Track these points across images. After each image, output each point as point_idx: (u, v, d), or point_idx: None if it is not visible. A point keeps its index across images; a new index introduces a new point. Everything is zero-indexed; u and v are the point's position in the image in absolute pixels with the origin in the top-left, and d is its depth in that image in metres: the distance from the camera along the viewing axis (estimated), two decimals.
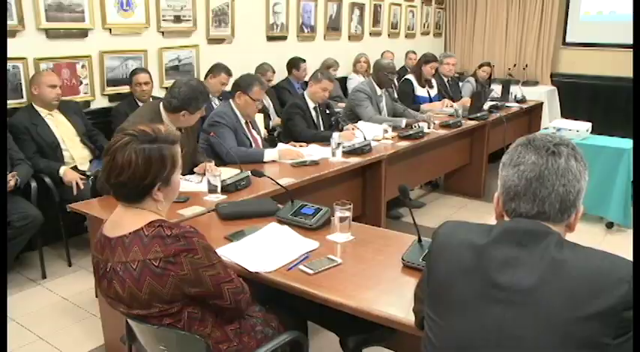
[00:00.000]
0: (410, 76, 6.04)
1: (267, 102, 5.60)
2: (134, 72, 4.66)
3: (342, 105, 5.64)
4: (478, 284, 1.32)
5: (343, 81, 7.07)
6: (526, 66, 9.16)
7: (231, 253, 2.23)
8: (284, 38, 6.40)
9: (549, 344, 1.23)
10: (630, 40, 8.44)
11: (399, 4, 8.45)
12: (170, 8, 5.04)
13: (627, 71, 8.43)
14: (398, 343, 2.28)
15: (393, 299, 1.93)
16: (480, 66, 7.23)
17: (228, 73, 5.02)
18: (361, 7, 7.58)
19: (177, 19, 5.12)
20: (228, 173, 3.18)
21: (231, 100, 3.86)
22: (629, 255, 4.08)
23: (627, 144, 4.99)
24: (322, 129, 4.50)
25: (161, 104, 3.24)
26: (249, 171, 3.14)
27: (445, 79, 6.53)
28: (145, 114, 3.18)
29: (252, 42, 5.94)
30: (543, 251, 1.28)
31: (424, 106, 5.80)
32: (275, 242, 2.34)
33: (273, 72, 5.87)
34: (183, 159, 3.19)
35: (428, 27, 9.41)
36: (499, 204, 1.42)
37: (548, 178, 1.32)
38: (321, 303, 1.98)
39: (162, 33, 5.03)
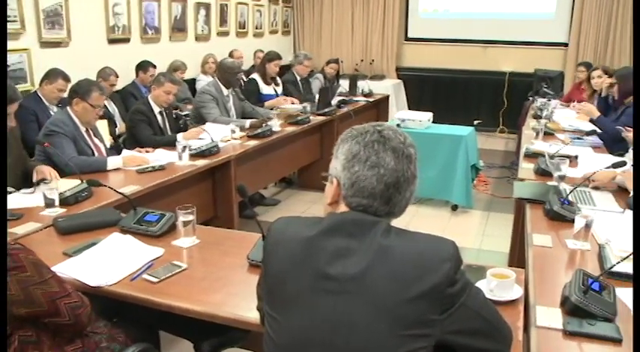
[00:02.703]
0: (255, 75, 6.06)
1: (112, 108, 5.37)
2: None
3: (192, 107, 5.54)
4: (310, 277, 1.34)
5: (192, 82, 6.93)
6: (372, 61, 9.55)
7: (70, 269, 2.11)
8: (127, 40, 6.14)
9: (381, 327, 1.28)
10: (463, 36, 9.16)
11: (246, 4, 8.46)
12: None
13: (463, 64, 9.12)
14: (253, 343, 2.28)
15: (241, 300, 1.92)
16: (328, 63, 7.41)
17: (66, 79, 4.71)
18: (207, 6, 7.48)
19: None
20: (67, 184, 3.00)
21: (68, 107, 3.64)
22: (471, 232, 4.39)
23: (465, 131, 5.35)
24: (169, 133, 4.37)
25: None
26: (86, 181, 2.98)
27: (298, 78, 6.61)
28: None
29: (92, 45, 5.65)
30: (372, 239, 1.33)
31: (267, 104, 5.81)
32: (117, 253, 2.24)
33: (117, 76, 5.62)
34: (8, 171, 2.97)
35: (276, 25, 9.50)
36: (340, 193, 1.41)
37: (402, 186, 1.38)
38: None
39: None
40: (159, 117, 4.35)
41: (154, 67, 6.02)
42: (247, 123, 4.85)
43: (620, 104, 4.94)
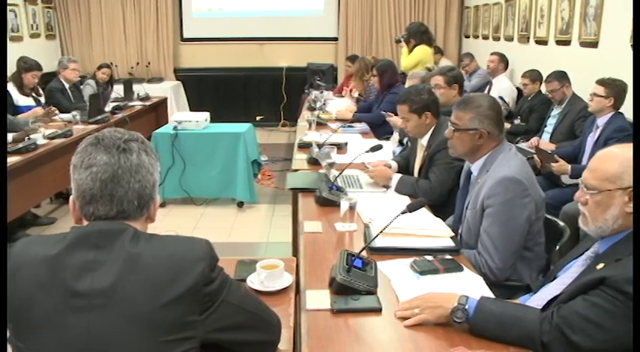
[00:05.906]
0: (9, 86, 5.49)
1: None
2: None
3: None
4: (57, 298, 1.25)
5: None
6: (149, 64, 9.27)
7: None
8: None
9: (140, 338, 1.24)
10: (239, 34, 9.32)
11: None
12: None
13: (241, 62, 9.30)
14: None
15: None
16: (99, 67, 7.04)
17: None
18: None
19: None
20: None
21: None
22: (258, 227, 4.46)
23: (243, 128, 5.40)
24: None
25: None
26: None
27: (67, 85, 6.15)
28: None
29: None
30: (120, 248, 1.28)
31: (21, 116, 5.28)
32: None
33: None
34: None
35: (37, 29, 8.71)
36: (76, 208, 1.37)
37: (122, 177, 1.32)
38: None
39: None
40: None
41: None
42: (10, 137, 4.42)
43: (383, 94, 5.39)
